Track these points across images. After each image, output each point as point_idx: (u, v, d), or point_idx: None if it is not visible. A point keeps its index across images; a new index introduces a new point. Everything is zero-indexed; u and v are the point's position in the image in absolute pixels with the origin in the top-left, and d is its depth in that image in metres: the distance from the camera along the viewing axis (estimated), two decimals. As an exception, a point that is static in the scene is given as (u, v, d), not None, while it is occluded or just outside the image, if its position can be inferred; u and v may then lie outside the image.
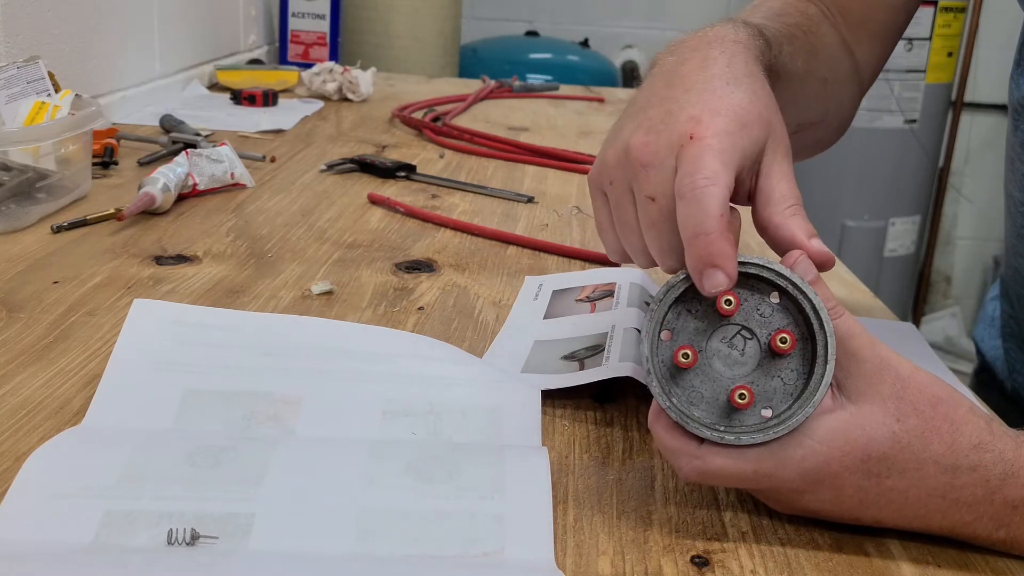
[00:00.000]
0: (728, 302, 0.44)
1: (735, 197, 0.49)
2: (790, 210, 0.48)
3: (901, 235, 2.70)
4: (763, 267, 0.44)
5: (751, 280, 0.45)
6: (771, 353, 0.44)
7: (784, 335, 0.44)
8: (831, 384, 0.44)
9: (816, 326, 0.44)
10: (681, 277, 0.45)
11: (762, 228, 0.49)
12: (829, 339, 0.43)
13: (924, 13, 2.51)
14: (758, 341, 0.45)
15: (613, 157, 0.49)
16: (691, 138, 0.46)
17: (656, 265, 0.50)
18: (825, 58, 0.66)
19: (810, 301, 0.44)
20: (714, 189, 0.44)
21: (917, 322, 3.08)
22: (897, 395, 0.43)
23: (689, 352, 0.44)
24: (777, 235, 0.48)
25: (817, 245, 0.47)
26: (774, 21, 0.62)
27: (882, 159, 2.58)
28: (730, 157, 0.46)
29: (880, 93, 2.53)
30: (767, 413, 0.44)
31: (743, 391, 0.43)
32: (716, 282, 0.43)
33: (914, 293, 3.08)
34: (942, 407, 0.44)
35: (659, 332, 0.45)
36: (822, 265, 0.47)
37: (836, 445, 0.43)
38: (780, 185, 0.49)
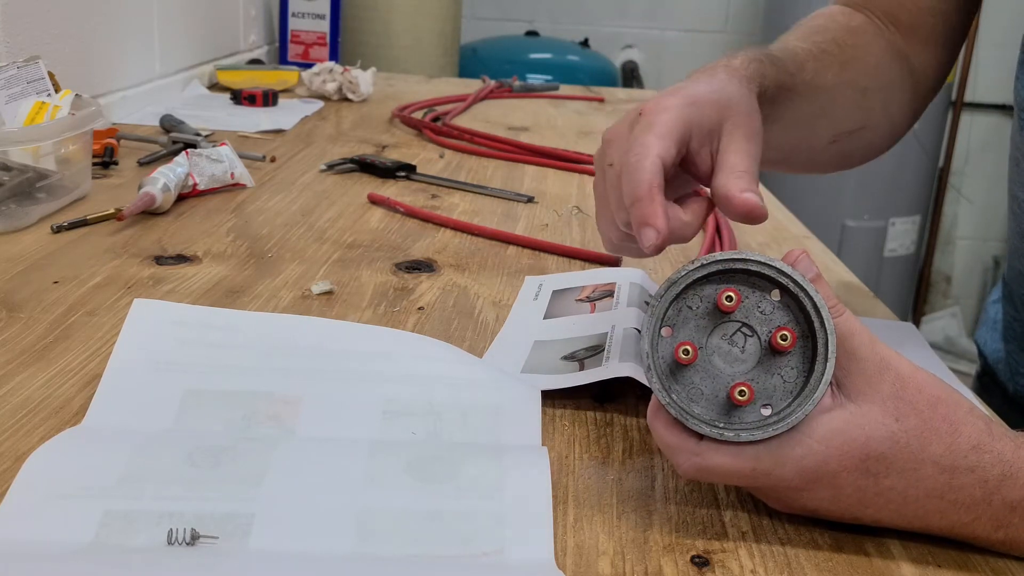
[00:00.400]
0: (729, 299, 0.44)
1: (698, 176, 0.56)
2: (736, 174, 0.53)
3: (901, 235, 2.70)
4: (764, 264, 0.44)
5: (752, 277, 0.45)
6: (771, 350, 0.44)
7: (785, 332, 0.44)
8: (831, 382, 0.44)
9: (816, 324, 0.44)
10: (682, 273, 0.45)
11: (714, 194, 0.54)
12: (829, 337, 0.43)
13: (924, 13, 2.50)
14: (758, 338, 0.45)
15: (598, 151, 0.57)
16: (640, 113, 0.54)
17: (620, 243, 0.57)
18: (865, 67, 0.68)
19: (811, 299, 0.44)
20: (644, 161, 0.51)
21: (917, 322, 3.08)
22: (896, 395, 0.43)
23: (689, 348, 0.44)
24: (718, 194, 0.53)
25: (746, 196, 0.52)
26: (804, 41, 0.66)
27: (882, 159, 2.58)
28: (668, 129, 0.52)
29: (880, 93, 2.52)
30: (767, 410, 0.44)
31: (743, 388, 0.43)
32: (648, 237, 0.50)
33: (914, 293, 3.08)
34: (941, 407, 0.44)
35: (660, 328, 0.45)
36: (749, 215, 0.52)
37: (835, 444, 0.43)
38: (733, 158, 0.53)
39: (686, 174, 0.57)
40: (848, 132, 0.69)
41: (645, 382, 0.56)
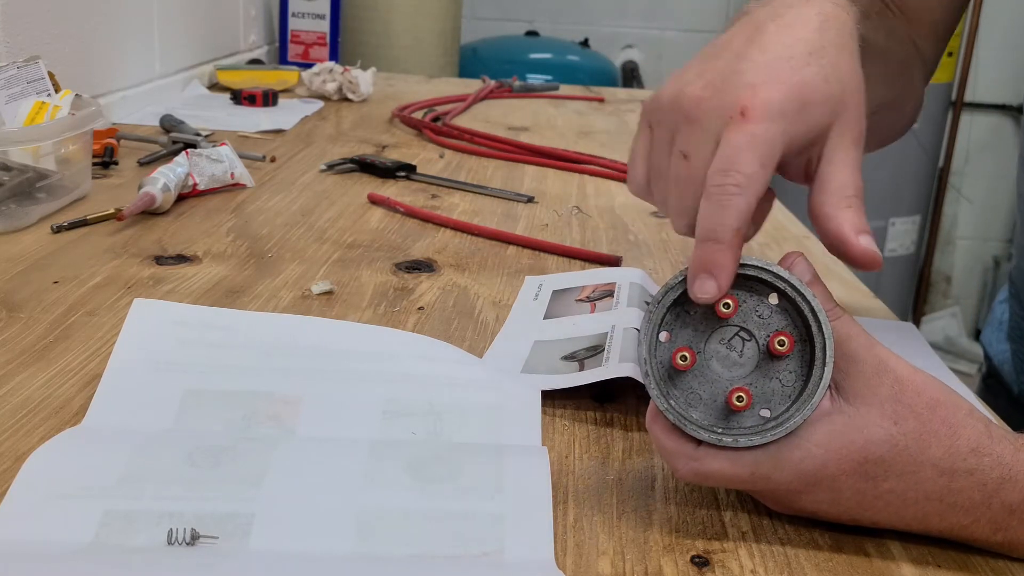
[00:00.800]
0: (726, 305, 0.44)
1: (791, 175, 0.49)
2: (845, 201, 0.46)
3: (901, 235, 2.70)
4: (762, 268, 0.44)
5: (750, 281, 0.44)
6: (769, 355, 0.44)
7: (782, 337, 0.44)
8: (829, 386, 0.44)
9: (815, 328, 0.44)
10: (679, 279, 0.44)
11: (813, 216, 0.47)
12: (828, 341, 0.43)
13: (924, 13, 2.50)
14: (756, 343, 0.45)
15: (667, 98, 0.48)
16: (742, 114, 0.44)
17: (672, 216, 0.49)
18: (897, 39, 0.65)
19: (809, 303, 0.44)
20: (739, 200, 0.43)
21: (917, 322, 3.08)
22: (895, 397, 0.43)
23: (687, 354, 0.44)
24: (826, 226, 0.46)
25: (865, 243, 0.45)
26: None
27: (882, 159, 2.58)
28: (772, 149, 0.44)
29: (880, 93, 2.53)
30: (765, 415, 0.44)
31: (741, 393, 0.43)
32: (706, 289, 0.43)
33: (914, 293, 3.08)
34: (941, 410, 0.43)
35: (657, 333, 0.45)
36: (867, 265, 0.45)
37: (833, 448, 0.43)
38: (840, 173, 0.46)
39: None
40: (889, 103, 0.64)
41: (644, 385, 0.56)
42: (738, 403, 0.43)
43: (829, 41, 0.46)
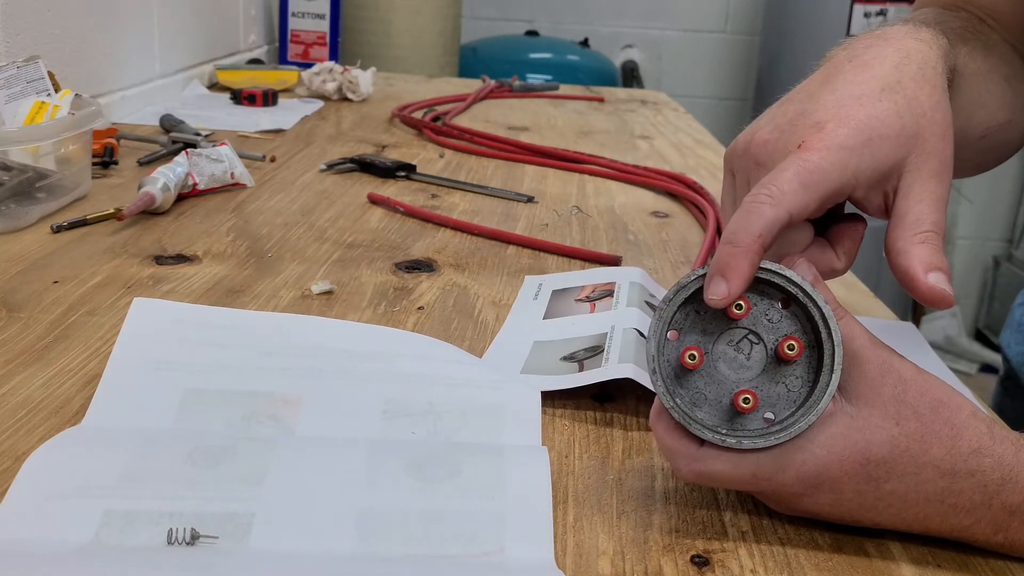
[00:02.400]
0: (739, 306, 0.44)
1: (872, 211, 0.48)
2: (919, 236, 0.46)
3: (901, 235, 2.70)
4: (774, 273, 0.44)
5: (761, 285, 0.44)
6: (777, 359, 0.44)
7: (792, 342, 0.43)
8: None
9: (824, 335, 0.43)
10: (692, 278, 0.44)
11: (887, 250, 0.47)
12: (836, 348, 0.43)
13: (924, 13, 2.51)
14: (765, 346, 0.45)
15: (741, 144, 0.49)
16: (800, 147, 0.45)
17: None
18: (1000, 54, 0.62)
19: (819, 309, 0.43)
20: (767, 209, 0.43)
21: (917, 322, 3.08)
22: (898, 398, 0.43)
23: (696, 353, 0.44)
24: (896, 261, 0.46)
25: (933, 280, 0.45)
26: (943, 23, 0.59)
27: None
28: (820, 176, 0.44)
29: (880, 93, 2.52)
30: (769, 418, 0.44)
31: (747, 395, 0.43)
32: (716, 291, 0.43)
33: (914, 293, 3.08)
34: (943, 411, 0.43)
35: (667, 331, 0.45)
36: (936, 303, 0.44)
37: (835, 450, 0.43)
38: (917, 207, 0.46)
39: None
40: (999, 125, 0.61)
41: (645, 383, 0.56)
42: (744, 405, 0.43)
43: (908, 76, 0.46)
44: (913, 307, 3.10)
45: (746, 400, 0.43)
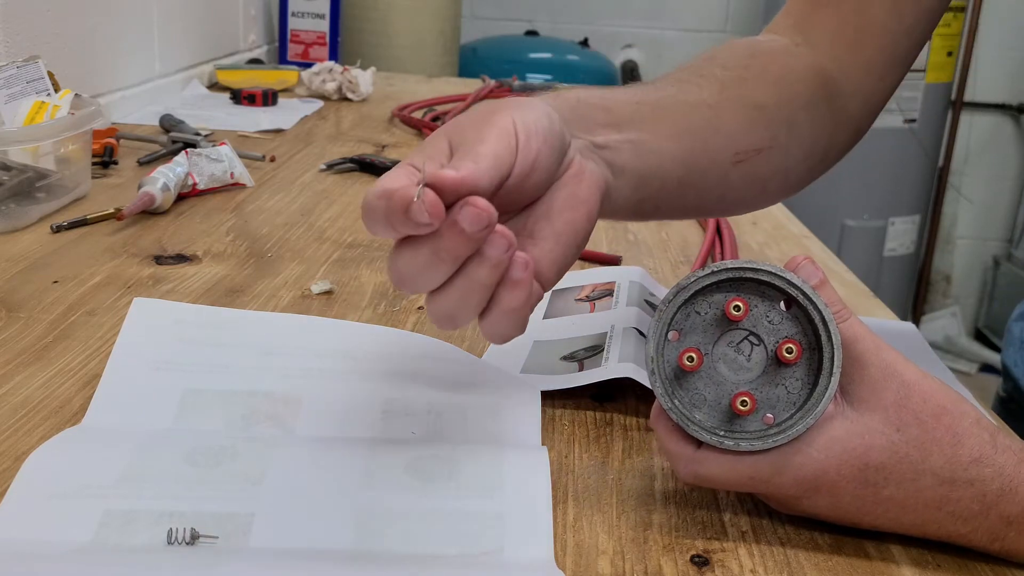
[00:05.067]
0: (737, 308, 0.44)
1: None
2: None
3: (901, 235, 2.70)
4: (775, 275, 0.44)
5: (762, 286, 0.44)
6: (777, 361, 0.44)
7: (791, 345, 0.43)
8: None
9: (824, 337, 0.43)
10: (692, 279, 0.44)
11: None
12: (836, 351, 0.43)
13: (924, 13, 2.50)
14: (765, 348, 0.44)
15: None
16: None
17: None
18: (762, 84, 0.61)
19: (820, 312, 0.43)
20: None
21: (917, 322, 3.08)
22: (900, 403, 0.43)
23: (694, 355, 0.44)
24: None
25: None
26: (671, 74, 0.61)
27: (882, 158, 2.58)
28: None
29: (880, 93, 2.53)
30: (768, 420, 0.44)
31: (745, 398, 0.43)
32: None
33: (914, 293, 3.08)
34: (946, 418, 0.43)
35: (667, 332, 0.45)
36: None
37: (834, 454, 0.43)
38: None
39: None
40: (753, 150, 0.60)
41: (645, 382, 0.56)
42: (742, 407, 0.43)
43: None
44: (913, 307, 3.11)
45: (744, 403, 0.43)
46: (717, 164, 0.59)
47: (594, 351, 0.61)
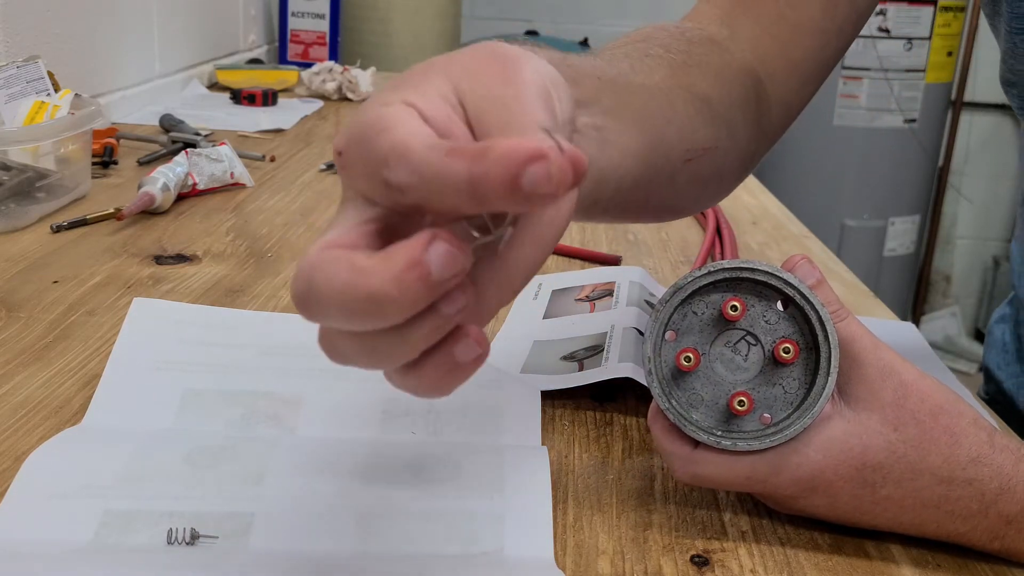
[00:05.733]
0: (734, 308, 0.44)
1: None
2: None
3: (901, 234, 2.70)
4: (771, 275, 0.44)
5: (759, 286, 0.44)
6: (774, 361, 0.44)
7: (787, 345, 0.43)
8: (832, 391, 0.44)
9: (821, 337, 0.43)
10: (689, 279, 0.44)
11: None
12: (833, 351, 0.43)
13: (924, 12, 2.50)
14: (762, 348, 0.44)
15: None
16: None
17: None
18: (704, 75, 0.55)
19: (816, 312, 0.43)
20: None
21: (917, 322, 3.08)
22: (897, 403, 0.43)
23: (691, 355, 0.44)
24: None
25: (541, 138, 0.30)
26: (618, 48, 0.54)
27: (882, 158, 2.58)
28: None
29: (880, 92, 2.53)
30: (766, 420, 0.44)
31: (742, 398, 0.43)
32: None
33: (914, 293, 3.08)
34: (943, 418, 0.43)
35: (663, 333, 0.45)
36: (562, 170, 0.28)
37: (831, 454, 0.43)
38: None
39: None
40: (703, 149, 0.54)
41: (646, 384, 0.56)
42: (739, 407, 0.43)
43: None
44: (913, 307, 3.11)
45: (741, 403, 0.43)
46: (670, 162, 0.51)
47: (594, 351, 0.61)
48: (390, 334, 0.31)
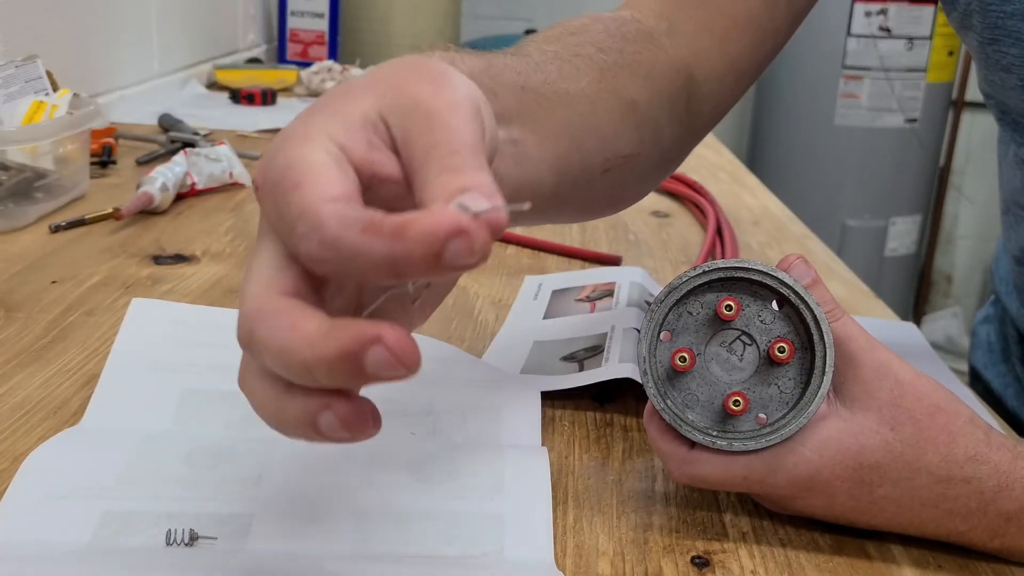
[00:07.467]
0: (728, 308, 0.44)
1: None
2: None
3: (902, 234, 2.70)
4: (766, 274, 0.44)
5: (754, 286, 0.44)
6: (769, 361, 0.44)
7: (783, 344, 0.43)
8: (828, 391, 0.44)
9: (816, 337, 0.43)
10: (684, 280, 0.44)
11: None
12: (828, 351, 0.43)
13: (925, 12, 2.50)
14: (757, 348, 0.44)
15: None
16: None
17: None
18: (633, 76, 0.54)
19: (811, 311, 0.43)
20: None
21: (918, 322, 3.08)
22: (894, 402, 0.43)
23: (687, 355, 0.44)
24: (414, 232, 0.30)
25: (455, 207, 0.30)
26: (550, 44, 0.52)
27: (882, 158, 2.58)
28: None
29: (881, 92, 2.53)
30: (761, 420, 0.44)
31: (738, 398, 0.43)
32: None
33: (915, 293, 3.08)
34: (940, 417, 0.43)
35: (659, 333, 0.45)
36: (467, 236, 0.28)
37: (828, 454, 0.43)
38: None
39: None
40: (622, 157, 0.53)
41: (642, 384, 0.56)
42: (735, 407, 0.43)
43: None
44: (914, 307, 3.11)
45: (736, 403, 0.43)
46: (587, 172, 0.51)
47: (594, 351, 0.61)
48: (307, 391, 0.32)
